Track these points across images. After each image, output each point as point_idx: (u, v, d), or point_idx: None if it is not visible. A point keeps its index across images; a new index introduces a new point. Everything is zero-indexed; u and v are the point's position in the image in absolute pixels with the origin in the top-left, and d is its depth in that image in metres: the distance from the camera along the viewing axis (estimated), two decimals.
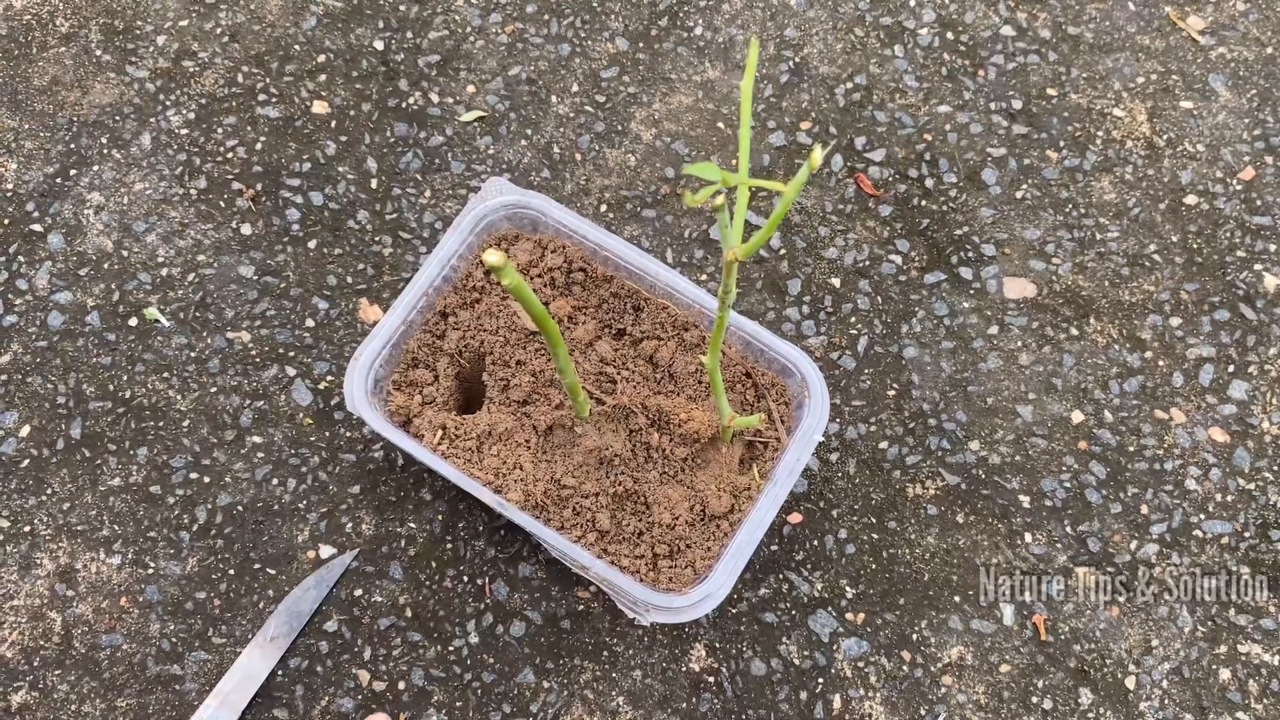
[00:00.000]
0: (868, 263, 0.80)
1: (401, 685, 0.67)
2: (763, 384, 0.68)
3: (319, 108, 0.84)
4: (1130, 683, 0.68)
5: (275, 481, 0.72)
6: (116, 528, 0.70)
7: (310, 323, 0.76)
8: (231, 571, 0.69)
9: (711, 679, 0.68)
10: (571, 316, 0.69)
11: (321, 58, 0.86)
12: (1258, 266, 0.81)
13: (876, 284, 0.79)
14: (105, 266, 0.78)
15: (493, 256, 0.45)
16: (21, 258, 0.78)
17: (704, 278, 0.79)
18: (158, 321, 0.76)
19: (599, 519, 0.64)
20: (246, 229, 0.79)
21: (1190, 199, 0.83)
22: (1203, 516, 0.73)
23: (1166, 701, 0.68)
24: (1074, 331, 0.79)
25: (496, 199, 0.69)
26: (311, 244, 0.79)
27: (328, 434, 0.73)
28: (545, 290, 0.70)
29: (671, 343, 0.68)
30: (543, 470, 0.65)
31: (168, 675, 0.67)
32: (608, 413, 0.66)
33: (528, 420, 0.66)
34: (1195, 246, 0.82)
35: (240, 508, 0.71)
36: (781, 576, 0.70)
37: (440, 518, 0.71)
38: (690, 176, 0.62)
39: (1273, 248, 0.82)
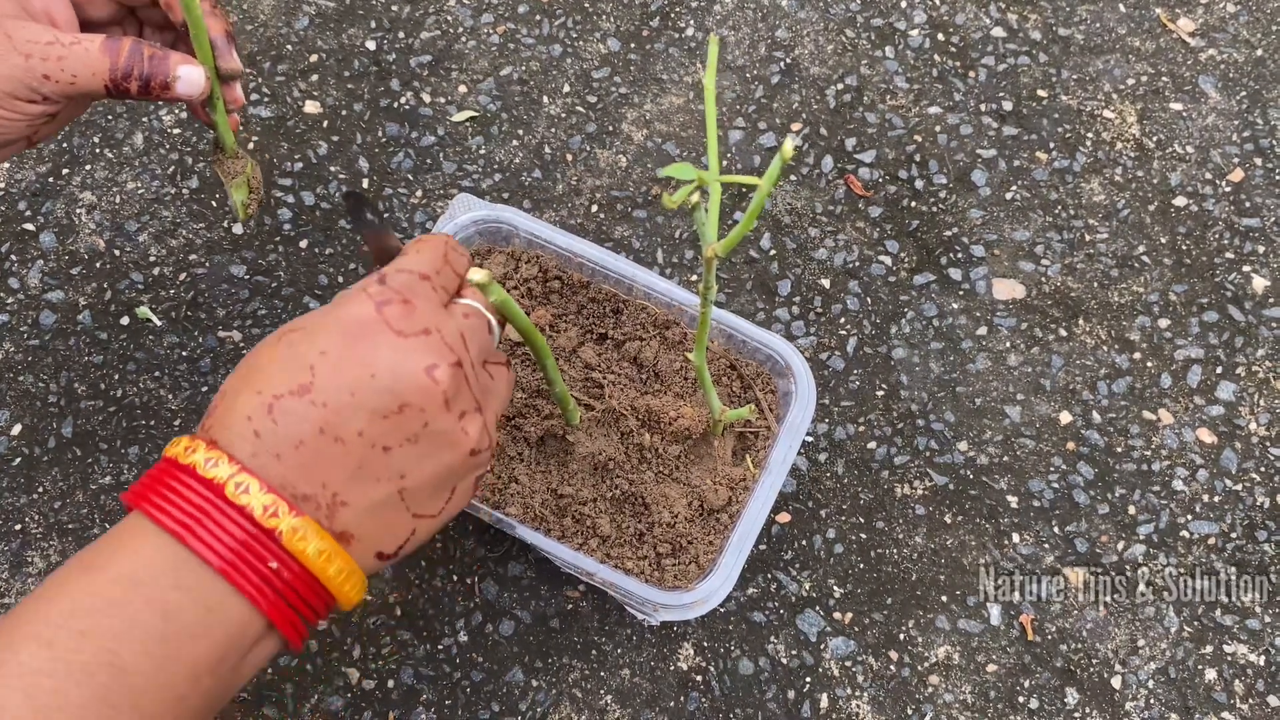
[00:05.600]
0: (857, 264, 0.80)
1: (391, 683, 0.67)
2: (748, 375, 0.69)
3: (311, 107, 0.84)
4: (1116, 683, 0.69)
5: None
6: (108, 525, 0.71)
7: None
8: None
9: (699, 678, 0.68)
10: (553, 325, 0.70)
11: (314, 58, 0.86)
12: (1246, 268, 0.81)
13: (866, 285, 0.80)
14: (97, 265, 0.78)
15: (478, 274, 0.46)
16: (14, 256, 0.78)
17: (694, 278, 0.79)
18: (149, 320, 0.76)
19: (599, 524, 0.64)
20: (238, 228, 0.79)
21: (1179, 201, 0.84)
22: (1190, 517, 0.73)
23: (1152, 701, 0.68)
24: (1063, 332, 0.79)
25: (465, 215, 0.69)
26: (303, 244, 0.79)
27: None
28: (523, 301, 0.70)
29: (654, 342, 0.69)
30: (539, 482, 0.66)
31: None
32: (598, 418, 0.67)
33: (519, 433, 0.67)
34: (1184, 248, 0.82)
35: None
36: (770, 576, 0.71)
37: None
38: (669, 177, 0.62)
39: (1261, 249, 0.82)
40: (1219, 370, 0.78)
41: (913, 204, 0.83)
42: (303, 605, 0.42)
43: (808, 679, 0.68)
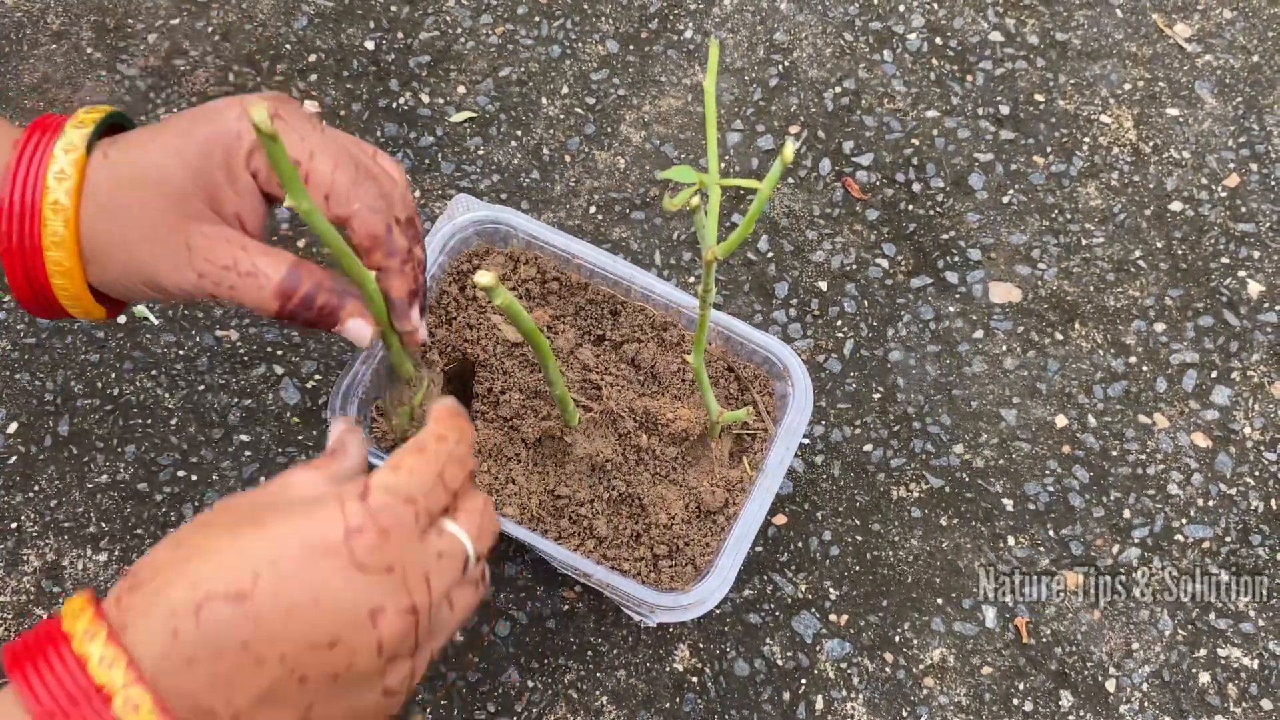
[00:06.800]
0: (854, 266, 0.81)
1: None
2: (745, 377, 0.69)
3: (310, 107, 0.84)
4: (1110, 685, 0.69)
5: (262, 480, 0.72)
6: (104, 524, 0.71)
7: None
8: None
9: (695, 679, 0.68)
10: (551, 326, 0.70)
11: (312, 57, 0.86)
12: (1241, 273, 0.82)
13: (863, 287, 0.80)
14: None
15: (484, 278, 0.45)
16: None
17: (691, 280, 0.79)
18: (147, 319, 0.76)
19: (596, 525, 0.64)
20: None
21: (1175, 205, 0.84)
22: (1184, 521, 0.74)
23: (1146, 704, 0.68)
24: (1059, 336, 0.79)
25: (463, 216, 0.69)
26: (300, 243, 0.79)
27: (315, 433, 0.73)
28: (522, 302, 0.70)
29: (652, 344, 0.69)
30: (536, 482, 0.65)
31: None
32: (595, 419, 0.67)
33: (516, 434, 0.67)
34: (1180, 253, 0.82)
35: None
36: (766, 578, 0.71)
37: None
38: (668, 179, 0.62)
39: (1256, 254, 0.82)
40: (1214, 375, 0.78)
41: (910, 207, 0.83)
42: None
43: (803, 680, 0.68)
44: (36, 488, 0.71)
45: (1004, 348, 0.79)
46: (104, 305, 0.51)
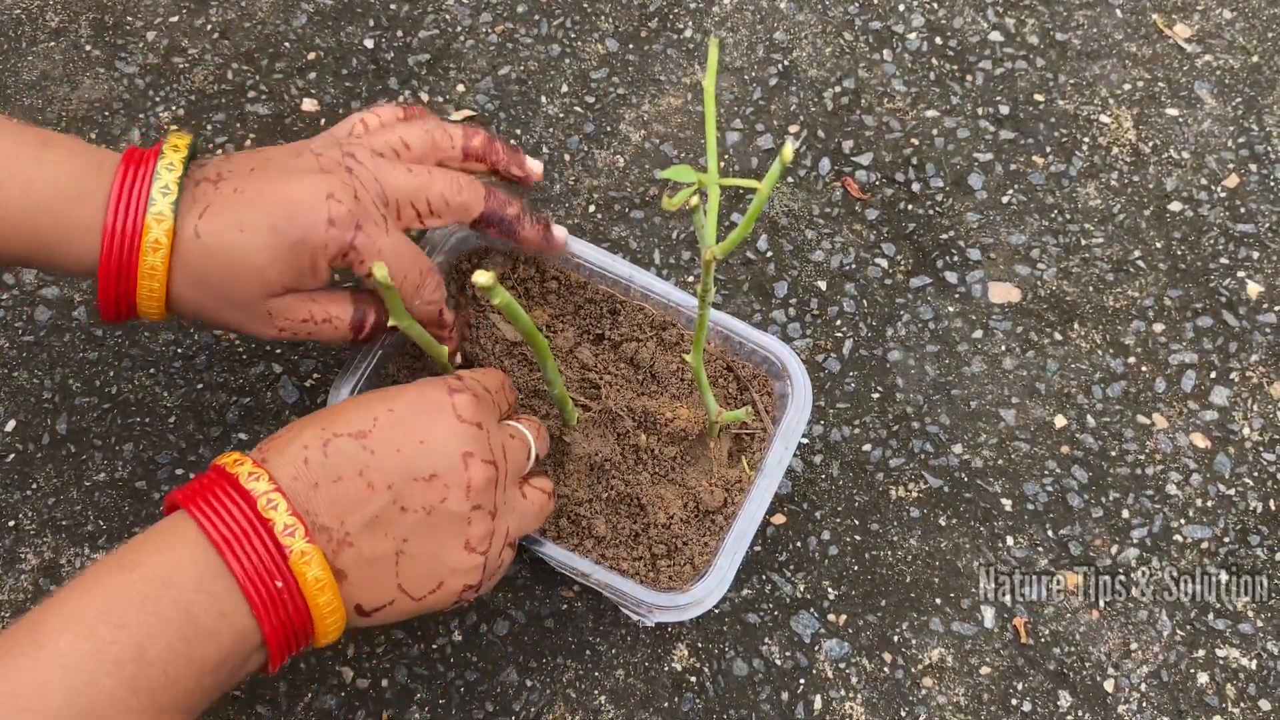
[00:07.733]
0: (854, 266, 0.81)
1: (385, 683, 0.67)
2: (744, 377, 0.69)
3: (309, 105, 0.84)
4: (1109, 686, 0.69)
5: None
6: (102, 523, 0.70)
7: None
8: None
9: (694, 679, 0.68)
10: (550, 325, 0.70)
11: (311, 55, 0.86)
12: (1240, 274, 0.82)
13: (862, 287, 0.80)
14: None
15: (482, 277, 0.46)
16: None
17: (691, 279, 0.79)
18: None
19: (595, 525, 0.64)
20: None
21: (1175, 206, 0.84)
22: (1183, 521, 0.74)
23: (1144, 704, 0.68)
24: (1058, 336, 0.79)
25: None
26: None
27: None
28: (521, 301, 0.70)
29: (651, 343, 0.69)
30: None
31: None
32: (594, 419, 0.67)
33: None
34: (1179, 253, 0.82)
35: None
36: (764, 577, 0.71)
37: None
38: (668, 179, 0.62)
39: (1255, 255, 0.82)
40: (1213, 375, 0.78)
41: (909, 207, 0.83)
42: (291, 630, 0.47)
43: (801, 680, 0.68)
44: (34, 486, 0.71)
45: (1003, 348, 0.79)
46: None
